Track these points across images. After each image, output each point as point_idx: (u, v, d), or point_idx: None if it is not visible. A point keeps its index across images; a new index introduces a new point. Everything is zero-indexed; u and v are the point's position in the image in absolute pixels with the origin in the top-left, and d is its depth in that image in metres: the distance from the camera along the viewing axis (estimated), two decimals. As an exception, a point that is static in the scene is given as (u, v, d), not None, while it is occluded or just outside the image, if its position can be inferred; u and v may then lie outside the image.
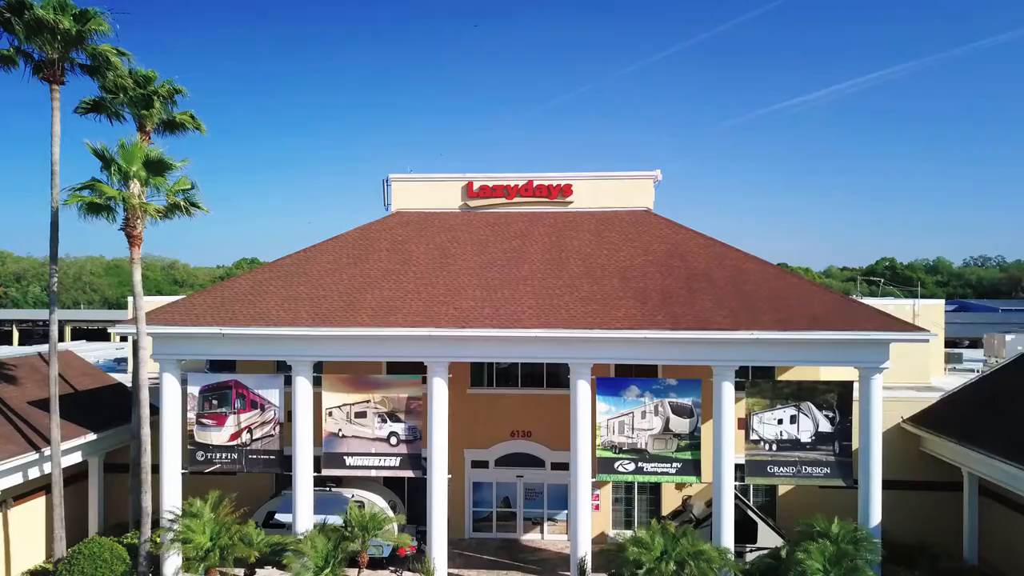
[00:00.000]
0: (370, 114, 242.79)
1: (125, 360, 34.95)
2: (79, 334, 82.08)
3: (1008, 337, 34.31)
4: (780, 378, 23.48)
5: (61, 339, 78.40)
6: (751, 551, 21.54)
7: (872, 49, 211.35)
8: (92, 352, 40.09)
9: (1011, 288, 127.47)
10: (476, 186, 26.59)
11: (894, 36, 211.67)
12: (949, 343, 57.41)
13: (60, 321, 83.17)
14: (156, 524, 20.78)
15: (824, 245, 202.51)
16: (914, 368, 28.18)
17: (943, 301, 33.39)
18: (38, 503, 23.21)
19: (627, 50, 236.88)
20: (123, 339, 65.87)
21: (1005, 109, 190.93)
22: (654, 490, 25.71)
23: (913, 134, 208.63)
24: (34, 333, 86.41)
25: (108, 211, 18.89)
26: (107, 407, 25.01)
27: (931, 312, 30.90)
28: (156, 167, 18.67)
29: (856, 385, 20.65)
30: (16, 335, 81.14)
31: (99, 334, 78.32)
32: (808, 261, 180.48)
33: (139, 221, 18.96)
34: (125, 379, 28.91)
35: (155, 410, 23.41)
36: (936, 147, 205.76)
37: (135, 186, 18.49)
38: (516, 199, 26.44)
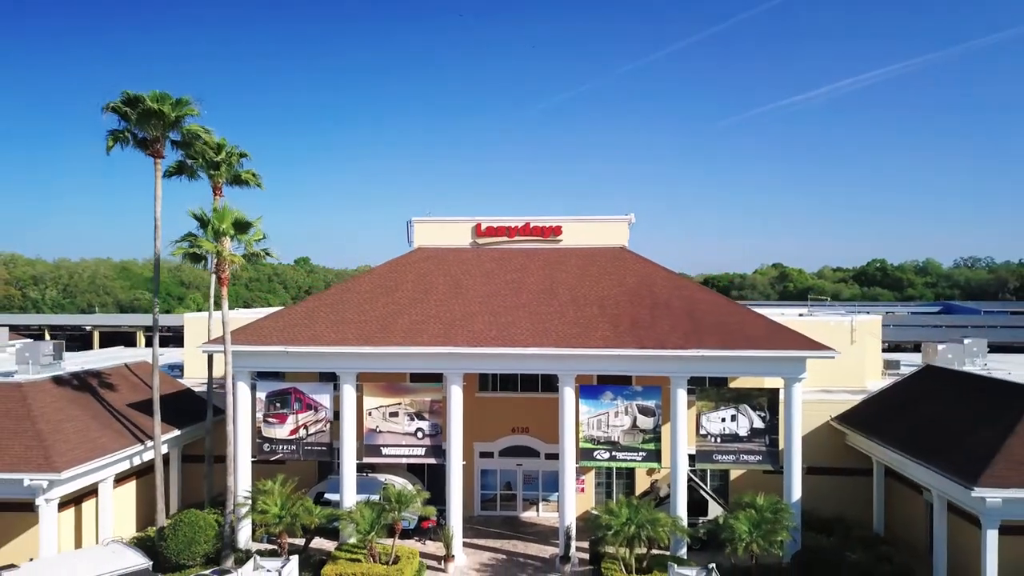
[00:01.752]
0: (370, 114, 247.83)
1: (179, 366, 40.38)
2: (105, 338, 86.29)
3: (940, 346, 39.44)
4: (727, 386, 29.05)
5: (90, 345, 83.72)
6: (703, 522, 27.14)
7: (871, 48, 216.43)
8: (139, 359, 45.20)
9: (998, 289, 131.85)
10: (484, 226, 32.16)
11: (892, 35, 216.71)
12: (922, 347, 62.42)
13: (90, 326, 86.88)
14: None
15: (821, 244, 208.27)
16: (852, 373, 33.70)
17: (880, 317, 39.04)
18: (129, 487, 28.77)
19: (626, 49, 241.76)
20: (148, 344, 70.82)
21: (1004, 108, 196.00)
22: (629, 475, 31.36)
23: (911, 133, 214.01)
24: (61, 338, 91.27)
25: (203, 260, 24.52)
26: (184, 409, 30.60)
27: (868, 325, 36.53)
28: (241, 226, 24.28)
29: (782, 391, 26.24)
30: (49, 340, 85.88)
31: (126, 338, 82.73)
32: (803, 262, 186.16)
33: (227, 266, 24.59)
34: (185, 383, 34.47)
35: (217, 411, 28.94)
36: (933, 147, 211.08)
37: (226, 241, 24.09)
38: (516, 238, 32.02)
